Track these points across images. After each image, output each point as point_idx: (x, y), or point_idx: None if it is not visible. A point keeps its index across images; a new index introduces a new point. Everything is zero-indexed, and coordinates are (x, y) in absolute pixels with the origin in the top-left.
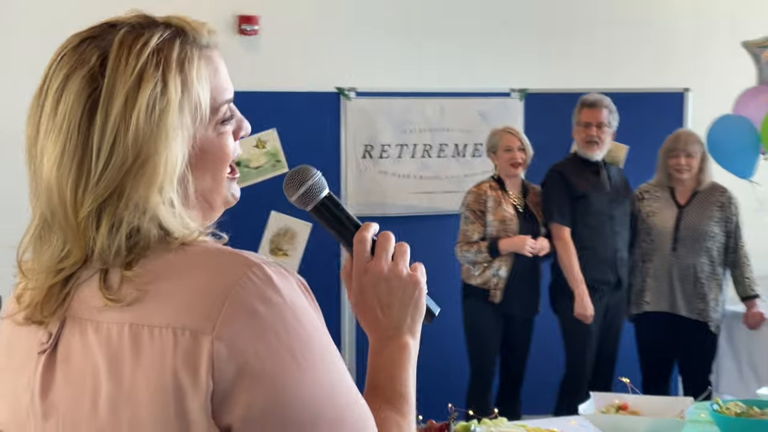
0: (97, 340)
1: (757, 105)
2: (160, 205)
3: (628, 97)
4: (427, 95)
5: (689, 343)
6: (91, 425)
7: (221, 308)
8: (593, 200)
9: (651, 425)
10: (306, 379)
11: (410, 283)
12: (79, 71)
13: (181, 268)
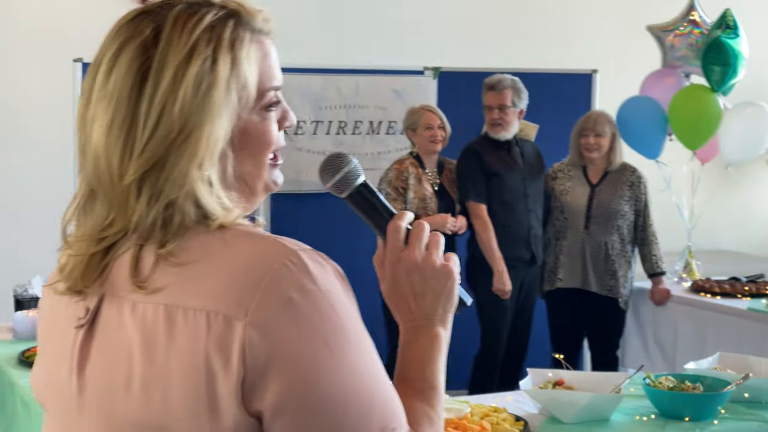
0: (133, 319)
1: (663, 87)
2: (198, 181)
3: (538, 77)
4: (343, 72)
5: (599, 319)
6: (123, 403)
7: (255, 295)
8: (506, 178)
9: (590, 400)
10: (338, 368)
11: (443, 273)
12: (133, 42)
13: (218, 250)
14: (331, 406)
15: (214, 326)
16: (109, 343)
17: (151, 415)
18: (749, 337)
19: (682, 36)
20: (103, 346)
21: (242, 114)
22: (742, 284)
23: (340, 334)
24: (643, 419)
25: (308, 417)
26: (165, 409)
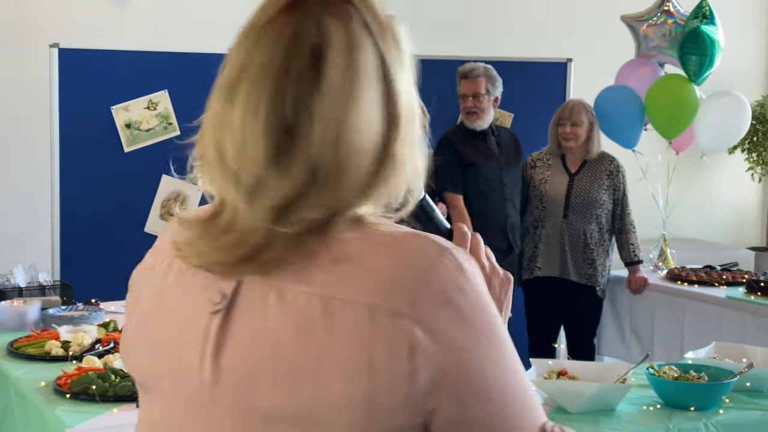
0: (282, 308)
1: (638, 77)
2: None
3: (513, 65)
4: None
5: (576, 307)
6: (267, 392)
7: (420, 292)
8: (482, 168)
9: (597, 390)
10: (502, 371)
11: (506, 280)
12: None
13: (375, 247)
14: (500, 403)
15: (377, 321)
16: (253, 330)
17: (298, 405)
18: (728, 325)
19: (656, 26)
20: (245, 332)
21: None
22: (718, 273)
23: (496, 334)
24: (650, 409)
25: (481, 420)
26: (316, 400)
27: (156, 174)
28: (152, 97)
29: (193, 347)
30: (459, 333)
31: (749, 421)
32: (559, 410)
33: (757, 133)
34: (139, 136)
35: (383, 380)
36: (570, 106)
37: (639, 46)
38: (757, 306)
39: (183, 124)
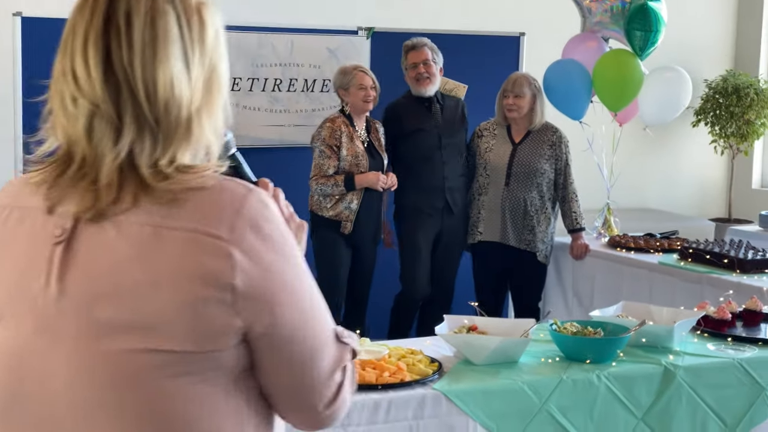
0: (119, 236)
1: (584, 51)
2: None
3: (468, 39)
4: (278, 31)
5: (519, 272)
6: (109, 305)
7: (234, 221)
8: (423, 134)
9: (500, 343)
10: (302, 276)
11: (300, 226)
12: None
13: (197, 187)
14: (307, 313)
15: (201, 243)
16: (93, 255)
17: (135, 315)
18: (659, 289)
19: (599, 2)
20: (86, 257)
21: None
22: (655, 240)
23: (298, 258)
24: (549, 361)
25: (291, 318)
26: (155, 310)
27: None
28: None
29: (38, 274)
30: (268, 254)
31: (640, 374)
32: (465, 362)
33: (721, 106)
34: None
35: (208, 290)
36: (513, 78)
37: (584, 21)
38: (685, 272)
39: None
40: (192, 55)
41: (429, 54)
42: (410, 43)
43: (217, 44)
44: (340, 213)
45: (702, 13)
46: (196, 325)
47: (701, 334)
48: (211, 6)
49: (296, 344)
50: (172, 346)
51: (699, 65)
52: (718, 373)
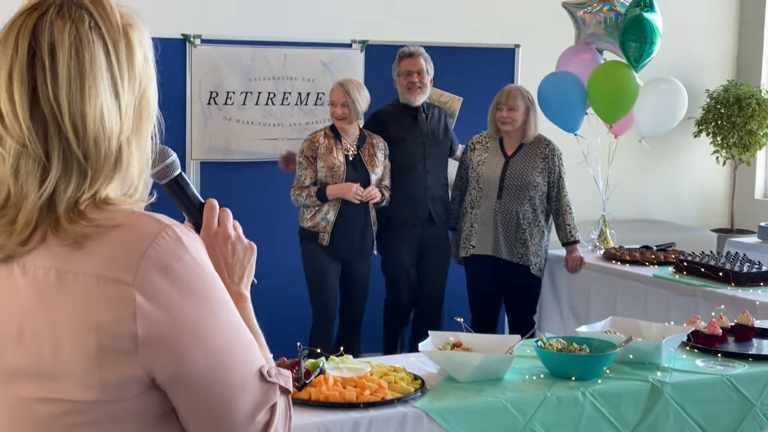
0: (24, 280)
1: (579, 63)
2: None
3: (463, 51)
4: (272, 44)
5: (513, 285)
6: (14, 353)
7: (139, 262)
8: (406, 143)
9: (483, 360)
10: (220, 323)
11: (249, 248)
12: (66, 19)
13: (108, 226)
14: (220, 355)
15: (104, 289)
16: (2, 297)
17: (41, 365)
18: (654, 303)
19: (593, 14)
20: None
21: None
22: (651, 252)
23: (215, 294)
24: (533, 378)
25: (203, 361)
26: (56, 359)
27: None
28: None
29: None
30: (177, 296)
31: (626, 391)
32: (449, 379)
33: (722, 117)
34: None
35: (109, 338)
36: (507, 91)
37: (579, 33)
38: (680, 285)
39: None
40: (121, 83)
41: (423, 64)
42: (407, 50)
43: (146, 67)
44: (318, 224)
45: (704, 24)
46: (98, 375)
47: (691, 349)
48: (138, 26)
49: (209, 387)
50: (73, 395)
51: (701, 75)
52: (706, 389)
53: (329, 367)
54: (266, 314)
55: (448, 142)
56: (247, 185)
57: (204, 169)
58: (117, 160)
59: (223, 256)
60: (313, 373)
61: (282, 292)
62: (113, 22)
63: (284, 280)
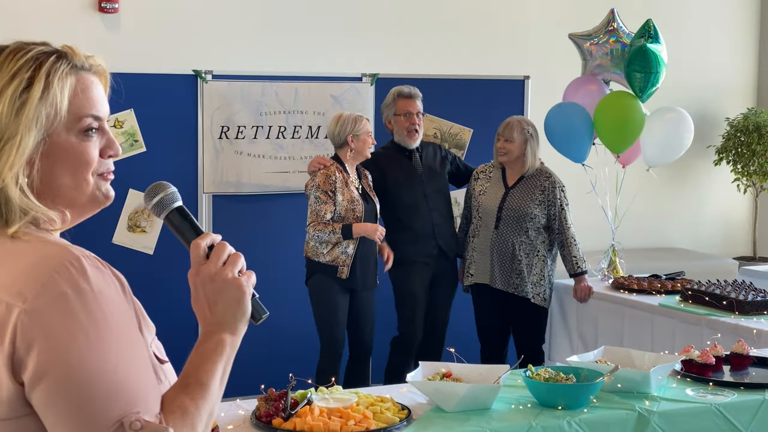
0: None
1: (585, 93)
2: (11, 181)
3: (472, 83)
4: (282, 79)
5: (517, 315)
6: None
7: (36, 287)
8: (405, 185)
9: (469, 390)
10: (90, 356)
11: (234, 285)
12: None
13: (16, 250)
14: (78, 385)
15: (8, 313)
16: None
17: None
18: (660, 331)
19: (599, 45)
20: None
21: (55, 131)
22: (659, 281)
23: (102, 328)
24: (520, 408)
25: (58, 391)
26: None
27: (123, 189)
28: (118, 115)
29: None
30: (60, 320)
31: (613, 420)
32: (437, 409)
33: (742, 144)
34: None
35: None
36: (506, 122)
37: (585, 64)
38: (685, 313)
39: (149, 141)
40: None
41: (420, 105)
42: (406, 90)
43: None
44: (337, 258)
45: (724, 52)
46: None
47: (683, 378)
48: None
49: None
50: None
51: (721, 103)
52: (693, 418)
53: (317, 398)
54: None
55: (446, 174)
56: (258, 218)
57: (216, 203)
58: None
59: (205, 294)
60: (300, 404)
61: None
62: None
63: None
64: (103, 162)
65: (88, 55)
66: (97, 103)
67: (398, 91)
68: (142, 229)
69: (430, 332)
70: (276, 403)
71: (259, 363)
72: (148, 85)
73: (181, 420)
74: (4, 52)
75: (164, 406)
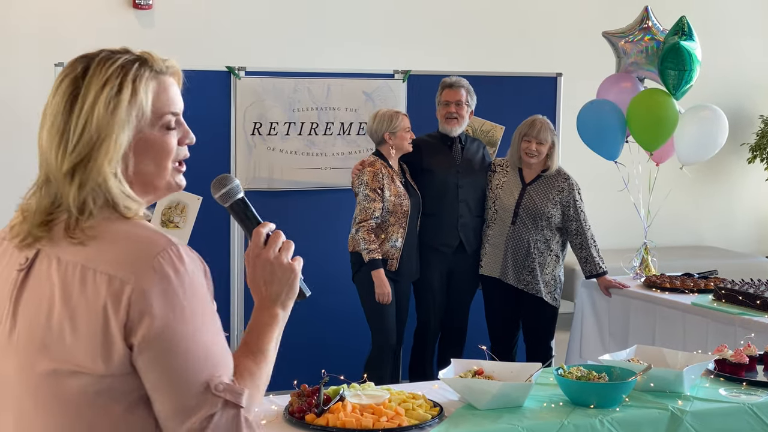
0: (57, 272)
1: (619, 91)
2: (110, 174)
3: (504, 80)
4: (314, 75)
5: (527, 312)
6: (43, 333)
7: (144, 268)
8: (439, 172)
9: (501, 388)
10: (186, 326)
11: (288, 269)
12: (69, 76)
13: (123, 233)
14: (177, 353)
15: (112, 285)
16: (38, 286)
17: (61, 351)
18: (692, 331)
19: (634, 43)
20: (33, 288)
21: (143, 128)
22: (692, 280)
23: (194, 304)
24: (552, 406)
25: (162, 356)
26: (73, 338)
27: None
28: None
29: (4, 301)
30: (162, 297)
31: (645, 419)
32: (468, 407)
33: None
34: None
35: (113, 324)
36: (537, 124)
37: (619, 62)
38: (717, 312)
39: None
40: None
41: (464, 95)
42: (448, 80)
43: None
44: (387, 251)
45: (759, 50)
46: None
47: (716, 378)
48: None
49: (159, 374)
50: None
51: (755, 101)
52: (727, 418)
53: (349, 394)
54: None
55: (485, 174)
56: (290, 214)
57: (248, 198)
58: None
59: (263, 275)
60: (333, 400)
61: (326, 321)
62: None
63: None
64: (181, 149)
65: (164, 59)
66: (174, 101)
67: (443, 81)
68: (176, 225)
69: (450, 328)
70: (308, 399)
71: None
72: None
73: (251, 381)
74: (94, 61)
75: (235, 371)
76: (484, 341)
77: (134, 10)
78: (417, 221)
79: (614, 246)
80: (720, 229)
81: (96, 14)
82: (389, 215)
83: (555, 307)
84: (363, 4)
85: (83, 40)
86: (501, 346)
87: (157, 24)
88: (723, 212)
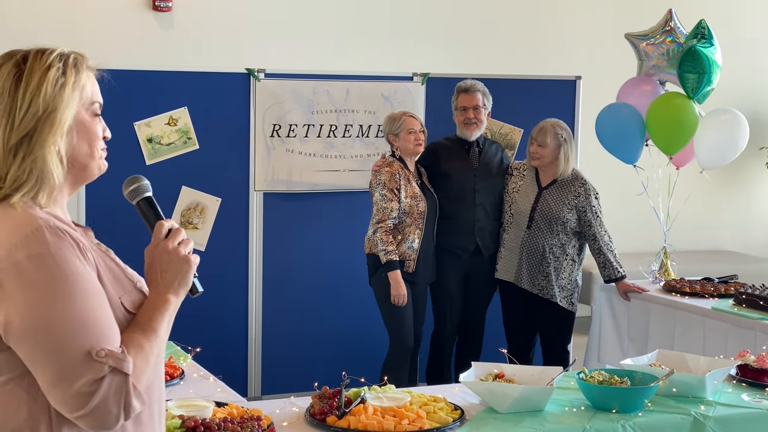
0: None
1: (639, 94)
2: (53, 149)
3: (523, 83)
4: (333, 78)
5: (543, 316)
6: None
7: (11, 249)
8: (457, 176)
9: (522, 392)
10: (49, 302)
11: (184, 260)
12: (8, 62)
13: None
14: (37, 329)
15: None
16: None
17: None
18: (712, 335)
19: (655, 45)
20: None
21: (80, 110)
22: (712, 284)
23: (59, 281)
24: (573, 410)
25: (25, 334)
26: None
27: (176, 185)
28: (173, 113)
29: None
30: (25, 277)
31: (668, 424)
32: (490, 410)
33: None
34: (160, 150)
35: None
36: (540, 127)
37: (641, 65)
38: (738, 317)
39: (202, 139)
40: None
41: (480, 99)
42: (463, 85)
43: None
44: (404, 253)
45: None
46: None
47: (739, 383)
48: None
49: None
50: None
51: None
52: (749, 423)
53: (370, 396)
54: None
55: (503, 178)
56: (309, 216)
57: (267, 200)
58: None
59: (160, 263)
60: (354, 402)
61: (344, 322)
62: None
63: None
64: (101, 135)
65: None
66: (99, 93)
67: (458, 86)
68: (195, 226)
69: (467, 332)
70: (330, 401)
71: (309, 360)
72: (201, 83)
73: (140, 353)
74: (30, 52)
75: (124, 343)
76: (501, 345)
77: (154, 12)
78: (434, 224)
79: (633, 250)
80: (739, 233)
81: (115, 16)
82: (405, 216)
83: (571, 311)
84: (382, 7)
85: (102, 42)
86: (518, 350)
87: (177, 26)
88: (742, 216)
